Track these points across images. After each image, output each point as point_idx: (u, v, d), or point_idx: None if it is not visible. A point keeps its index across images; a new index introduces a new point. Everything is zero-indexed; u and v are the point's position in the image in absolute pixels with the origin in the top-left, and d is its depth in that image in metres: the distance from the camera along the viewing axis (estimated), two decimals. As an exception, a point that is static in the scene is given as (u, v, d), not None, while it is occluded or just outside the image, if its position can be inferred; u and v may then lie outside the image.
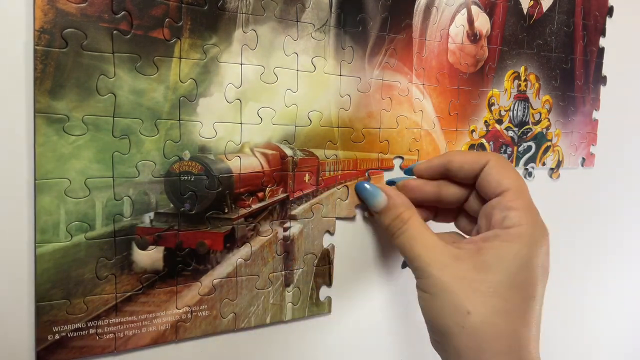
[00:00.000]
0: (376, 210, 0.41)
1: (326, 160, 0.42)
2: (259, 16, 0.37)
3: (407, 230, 0.38)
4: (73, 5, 0.31)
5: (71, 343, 0.33)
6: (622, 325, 0.74)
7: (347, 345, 0.46)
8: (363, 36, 0.42)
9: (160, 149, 0.34)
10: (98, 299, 0.33)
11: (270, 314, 0.41)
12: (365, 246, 0.46)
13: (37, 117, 0.30)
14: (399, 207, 0.39)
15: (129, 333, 0.35)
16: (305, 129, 0.40)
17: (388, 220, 0.40)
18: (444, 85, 0.48)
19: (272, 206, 0.40)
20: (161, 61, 0.34)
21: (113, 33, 0.32)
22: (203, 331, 0.37)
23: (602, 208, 0.66)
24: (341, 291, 0.45)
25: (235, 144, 0.37)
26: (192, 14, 0.34)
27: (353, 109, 0.43)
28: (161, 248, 0.35)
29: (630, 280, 0.73)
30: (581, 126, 0.60)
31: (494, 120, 0.52)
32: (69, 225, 0.32)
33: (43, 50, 0.30)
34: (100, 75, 0.32)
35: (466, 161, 0.39)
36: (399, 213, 0.39)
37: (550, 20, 0.55)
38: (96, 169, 0.32)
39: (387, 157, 0.45)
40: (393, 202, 0.40)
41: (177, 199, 0.35)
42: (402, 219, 0.38)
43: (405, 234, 0.38)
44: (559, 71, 0.57)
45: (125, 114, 0.33)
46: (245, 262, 0.39)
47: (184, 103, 0.35)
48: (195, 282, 0.37)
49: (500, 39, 0.52)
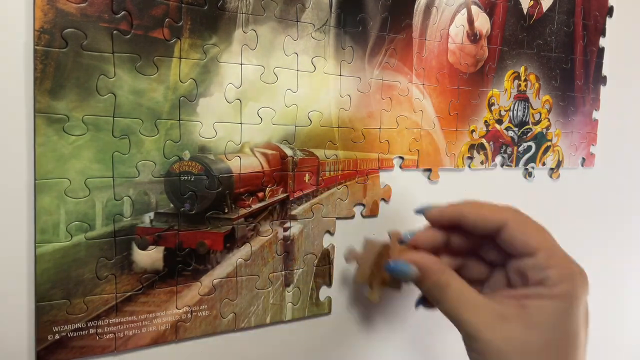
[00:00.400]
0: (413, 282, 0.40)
1: (326, 160, 0.42)
2: (259, 16, 0.37)
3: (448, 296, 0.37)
4: (73, 5, 0.31)
5: (71, 343, 0.33)
6: (622, 324, 0.74)
7: (347, 345, 0.46)
8: (363, 36, 0.42)
9: (160, 149, 0.34)
10: (98, 299, 0.33)
11: (270, 314, 0.41)
12: (365, 246, 0.46)
13: (37, 117, 0.30)
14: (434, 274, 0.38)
15: (129, 333, 0.35)
16: (305, 129, 0.40)
17: (426, 289, 0.38)
18: (444, 85, 0.48)
19: (272, 206, 0.40)
20: (161, 61, 0.34)
21: (113, 33, 0.32)
22: (203, 331, 0.37)
23: (601, 208, 0.66)
24: (341, 291, 0.45)
25: (235, 144, 0.37)
26: (192, 14, 0.34)
27: (353, 109, 0.43)
28: (161, 248, 0.35)
29: (631, 279, 0.73)
30: (581, 126, 0.60)
31: (494, 120, 0.52)
32: (69, 225, 0.32)
33: (43, 50, 0.30)
34: (100, 75, 0.32)
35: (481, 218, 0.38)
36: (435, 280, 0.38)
37: (550, 20, 0.55)
38: (96, 169, 0.32)
39: (387, 157, 0.45)
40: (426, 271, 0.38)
41: (177, 199, 0.35)
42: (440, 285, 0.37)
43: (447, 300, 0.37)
44: (559, 71, 0.57)
45: (125, 114, 0.33)
46: (245, 262, 0.39)
47: (184, 103, 0.35)
48: (195, 282, 0.37)
49: (500, 39, 0.52)
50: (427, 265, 0.39)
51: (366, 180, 0.44)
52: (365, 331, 0.47)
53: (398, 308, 0.49)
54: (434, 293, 0.38)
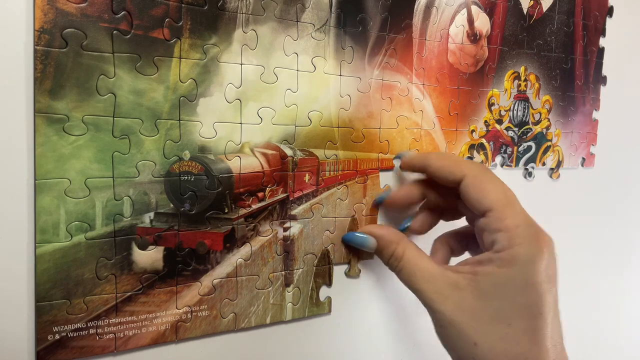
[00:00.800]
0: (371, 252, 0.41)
1: (326, 160, 0.42)
2: (259, 16, 0.37)
3: (404, 267, 0.37)
4: (73, 5, 0.31)
5: (71, 343, 0.33)
6: (622, 323, 0.74)
7: (347, 345, 0.46)
8: (363, 36, 0.42)
9: (160, 149, 0.34)
10: (98, 299, 0.33)
11: (270, 314, 0.41)
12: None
13: (37, 117, 0.30)
14: (390, 245, 0.39)
15: (129, 333, 0.35)
16: (305, 129, 0.40)
17: (385, 259, 0.40)
18: (444, 85, 0.48)
19: (272, 206, 0.40)
20: (161, 61, 0.34)
21: (113, 33, 0.32)
22: (203, 331, 0.37)
23: (602, 208, 0.66)
24: (341, 291, 0.45)
25: (235, 144, 0.37)
26: (192, 14, 0.34)
27: (353, 109, 0.43)
28: (161, 248, 0.35)
29: (630, 279, 0.73)
30: (581, 126, 0.60)
31: (494, 120, 0.52)
32: (69, 225, 0.32)
33: (43, 50, 0.30)
34: (100, 75, 0.32)
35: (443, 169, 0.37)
36: (392, 251, 0.39)
37: (550, 20, 0.55)
38: (96, 169, 0.32)
39: (387, 157, 0.45)
40: (383, 242, 0.39)
41: (177, 199, 0.35)
42: (397, 256, 0.38)
43: (403, 270, 0.38)
44: (559, 71, 0.57)
45: (125, 114, 0.33)
46: (245, 262, 0.39)
47: (184, 103, 0.35)
48: (195, 282, 0.37)
49: (500, 39, 0.52)
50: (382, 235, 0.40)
51: (366, 180, 0.44)
52: (366, 331, 0.47)
53: (399, 308, 0.49)
54: (392, 263, 0.39)
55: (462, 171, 0.36)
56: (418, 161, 0.41)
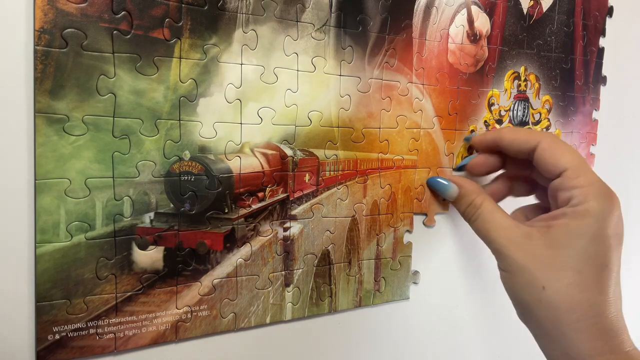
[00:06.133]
0: (451, 200, 0.44)
1: (326, 160, 0.42)
2: (259, 16, 0.37)
3: (480, 215, 0.40)
4: (73, 5, 0.31)
5: (71, 343, 0.33)
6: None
7: (347, 346, 0.46)
8: (363, 36, 0.42)
9: (160, 149, 0.34)
10: (98, 299, 0.33)
11: (270, 314, 0.41)
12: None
13: (37, 117, 0.30)
14: (471, 194, 0.42)
15: (129, 333, 0.35)
16: (305, 129, 0.40)
17: (462, 208, 0.42)
18: (444, 85, 0.48)
19: (272, 206, 0.40)
20: (161, 61, 0.34)
21: (113, 33, 0.32)
22: (203, 331, 0.37)
23: (602, 208, 0.66)
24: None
25: (235, 144, 0.37)
26: (192, 14, 0.34)
27: (353, 109, 0.43)
28: (161, 248, 0.35)
29: (630, 279, 0.73)
30: (581, 126, 0.60)
31: (493, 120, 0.52)
32: (69, 225, 0.32)
33: (43, 50, 0.30)
34: (101, 76, 0.32)
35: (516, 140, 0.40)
36: (471, 200, 0.41)
37: (550, 20, 0.55)
38: (96, 169, 0.32)
39: (387, 157, 0.45)
40: (464, 190, 0.43)
41: (177, 199, 0.35)
42: (475, 205, 0.41)
43: (479, 219, 0.40)
44: (559, 71, 0.57)
45: (125, 114, 0.33)
46: (245, 262, 0.39)
47: (184, 103, 0.35)
48: (195, 282, 0.37)
49: (500, 39, 0.52)
50: (464, 185, 0.43)
51: (366, 180, 0.44)
52: (366, 331, 0.47)
53: (398, 308, 0.49)
54: (468, 212, 0.42)
55: (536, 139, 0.39)
56: (490, 137, 0.43)
